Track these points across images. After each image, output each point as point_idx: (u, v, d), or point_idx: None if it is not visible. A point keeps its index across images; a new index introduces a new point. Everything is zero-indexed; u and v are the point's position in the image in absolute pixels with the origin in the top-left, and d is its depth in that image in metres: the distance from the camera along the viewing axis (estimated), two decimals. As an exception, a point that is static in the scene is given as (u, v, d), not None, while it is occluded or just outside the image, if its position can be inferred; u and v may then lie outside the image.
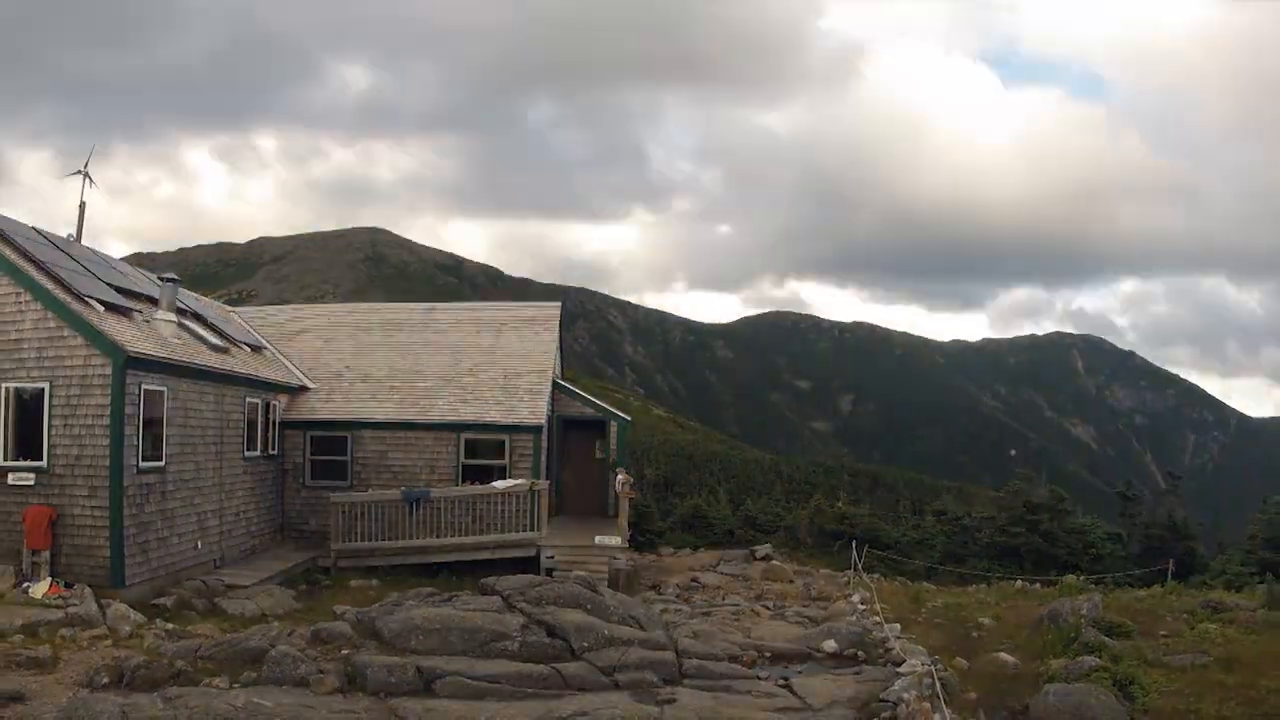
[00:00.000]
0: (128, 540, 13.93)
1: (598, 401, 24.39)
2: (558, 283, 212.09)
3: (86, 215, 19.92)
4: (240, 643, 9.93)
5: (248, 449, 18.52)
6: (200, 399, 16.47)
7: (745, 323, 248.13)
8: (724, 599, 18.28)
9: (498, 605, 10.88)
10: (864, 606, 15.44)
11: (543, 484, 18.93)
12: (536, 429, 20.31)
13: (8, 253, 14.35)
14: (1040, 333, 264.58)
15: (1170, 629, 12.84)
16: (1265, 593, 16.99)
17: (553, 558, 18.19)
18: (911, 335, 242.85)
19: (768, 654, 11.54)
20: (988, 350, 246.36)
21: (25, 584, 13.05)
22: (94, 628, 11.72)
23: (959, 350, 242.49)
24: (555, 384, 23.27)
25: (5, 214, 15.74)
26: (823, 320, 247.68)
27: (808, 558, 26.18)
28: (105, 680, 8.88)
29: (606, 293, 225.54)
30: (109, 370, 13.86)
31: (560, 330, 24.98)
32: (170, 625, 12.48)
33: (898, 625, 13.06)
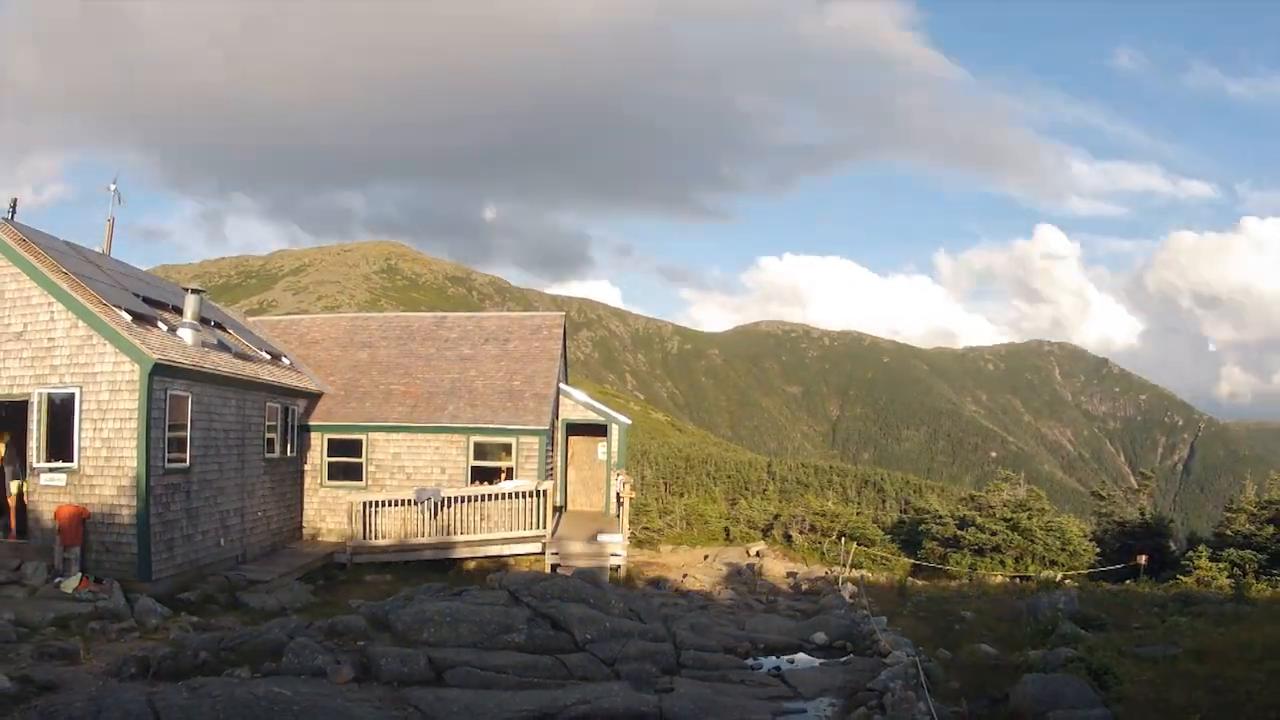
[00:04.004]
0: (154, 538, 13.93)
1: (599, 406, 24.37)
2: (562, 294, 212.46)
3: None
4: (261, 635, 9.91)
5: (268, 451, 18.52)
6: (223, 404, 16.47)
7: (739, 331, 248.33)
8: (719, 593, 18.28)
9: (505, 599, 10.88)
10: (852, 600, 15.44)
11: (548, 484, 18.92)
12: (542, 432, 20.31)
13: (40, 265, 14.39)
14: (1019, 340, 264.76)
15: (1143, 621, 12.82)
16: (1233, 587, 16.99)
17: (557, 554, 18.18)
18: (898, 343, 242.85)
19: (761, 645, 11.53)
20: (969, 357, 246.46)
21: (57, 579, 13.07)
22: (122, 621, 11.72)
23: (941, 357, 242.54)
24: (559, 389, 23.28)
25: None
26: (813, 329, 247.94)
27: (799, 554, 26.15)
28: (133, 671, 8.87)
29: (608, 303, 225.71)
30: (136, 376, 13.87)
31: (564, 338, 24.98)
32: (194, 618, 12.48)
33: (884, 618, 13.04)
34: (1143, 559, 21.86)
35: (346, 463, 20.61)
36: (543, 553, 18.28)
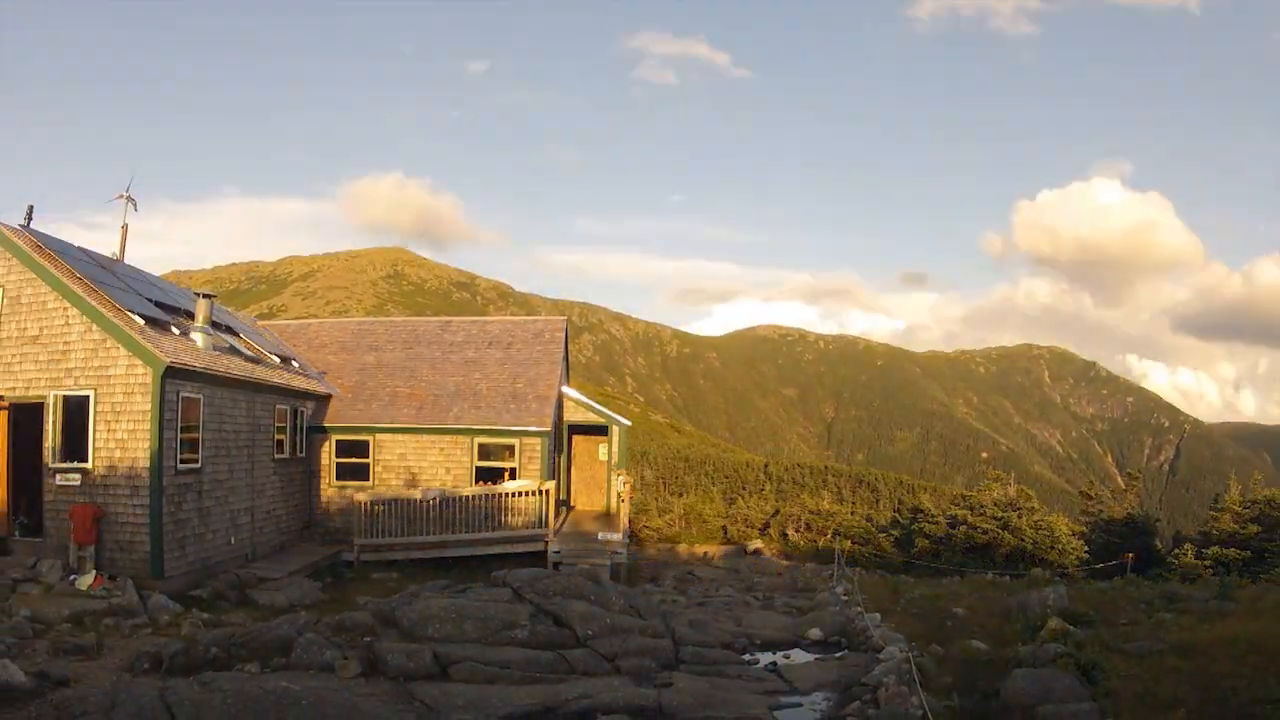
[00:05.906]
0: (166, 536, 13.93)
1: (600, 408, 24.37)
2: (564, 298, 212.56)
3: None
4: (270, 631, 9.90)
5: (277, 452, 18.51)
6: (234, 406, 16.48)
7: (736, 335, 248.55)
8: (717, 590, 18.27)
9: (508, 596, 10.86)
10: (846, 597, 15.40)
11: (550, 484, 18.91)
12: (544, 433, 20.31)
13: (56, 271, 14.41)
14: (1010, 344, 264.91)
15: (1129, 618, 12.79)
16: (1217, 584, 16.98)
17: (559, 552, 18.16)
18: (891, 346, 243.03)
19: (758, 641, 11.52)
20: (960, 360, 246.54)
21: (72, 576, 13.06)
22: (135, 617, 11.72)
23: (934, 360, 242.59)
24: (561, 392, 23.28)
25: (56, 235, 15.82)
26: (808, 333, 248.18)
27: (795, 552, 26.16)
28: (146, 666, 8.88)
29: (609, 307, 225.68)
30: (149, 379, 13.88)
31: (566, 342, 24.98)
32: (205, 615, 12.47)
33: (878, 615, 13.02)
34: (1130, 557, 21.88)
35: (354, 463, 20.61)
36: (545, 551, 18.27)
